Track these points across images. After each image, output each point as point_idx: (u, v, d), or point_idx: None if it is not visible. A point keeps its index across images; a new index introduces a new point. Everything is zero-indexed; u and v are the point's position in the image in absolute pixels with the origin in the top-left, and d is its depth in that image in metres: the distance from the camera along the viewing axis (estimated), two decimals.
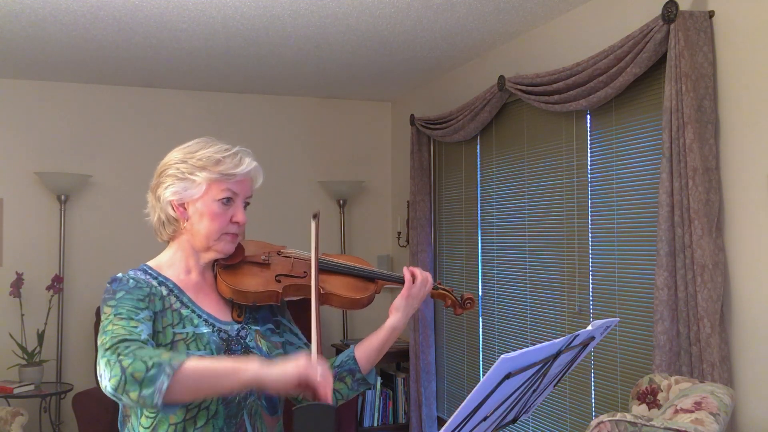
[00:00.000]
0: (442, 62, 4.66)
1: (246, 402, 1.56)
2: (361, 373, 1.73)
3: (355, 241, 5.84)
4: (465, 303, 1.85)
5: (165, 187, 1.59)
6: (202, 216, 1.58)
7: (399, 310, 1.74)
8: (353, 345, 1.77)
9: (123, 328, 1.42)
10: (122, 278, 1.55)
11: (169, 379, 1.32)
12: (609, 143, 3.37)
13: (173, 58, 4.49)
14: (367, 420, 5.15)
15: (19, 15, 3.68)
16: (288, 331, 1.76)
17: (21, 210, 5.02)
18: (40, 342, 4.74)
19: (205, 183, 1.57)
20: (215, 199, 1.58)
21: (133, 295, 1.51)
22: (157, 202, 1.61)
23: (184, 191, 1.58)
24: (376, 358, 1.75)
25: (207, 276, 1.65)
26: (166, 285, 1.59)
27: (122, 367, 1.33)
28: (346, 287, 1.73)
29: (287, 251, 1.77)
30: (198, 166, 1.57)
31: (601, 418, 2.03)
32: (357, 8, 3.61)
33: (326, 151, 5.79)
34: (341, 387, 1.72)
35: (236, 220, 1.61)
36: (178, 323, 1.55)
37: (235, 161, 1.59)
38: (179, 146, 1.64)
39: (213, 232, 1.59)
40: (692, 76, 2.72)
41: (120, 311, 1.46)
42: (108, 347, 1.38)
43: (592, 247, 3.48)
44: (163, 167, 1.61)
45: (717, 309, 2.64)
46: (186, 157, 1.59)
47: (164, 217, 1.61)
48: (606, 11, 3.41)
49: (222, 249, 1.62)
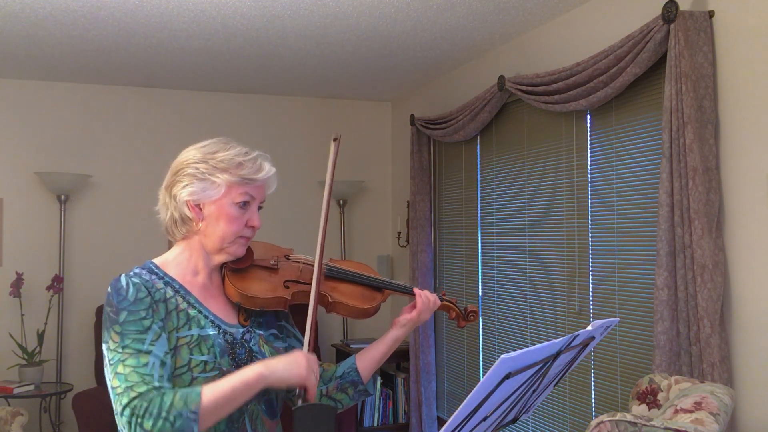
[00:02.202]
0: (442, 62, 4.66)
1: (247, 407, 1.56)
2: (363, 385, 1.74)
3: (355, 241, 5.84)
4: (469, 316, 1.86)
5: (182, 186, 1.56)
6: (218, 218, 1.57)
7: (404, 327, 1.75)
8: (354, 355, 1.77)
9: (134, 371, 1.40)
10: (122, 287, 1.49)
11: (196, 424, 1.37)
12: (609, 143, 3.37)
13: (173, 58, 4.49)
14: (367, 420, 5.16)
15: (19, 15, 3.68)
16: (292, 336, 1.75)
17: (21, 210, 5.02)
18: (40, 342, 4.74)
19: (225, 185, 1.56)
20: (233, 202, 1.57)
21: (135, 315, 1.46)
22: (172, 200, 1.58)
23: (203, 192, 1.56)
24: (377, 368, 1.76)
25: (214, 278, 1.64)
26: (172, 285, 1.56)
27: (146, 430, 1.36)
28: (354, 296, 1.71)
29: (296, 256, 1.75)
30: (219, 168, 1.55)
31: (601, 418, 2.03)
32: (357, 8, 3.61)
33: (326, 151, 5.76)
34: (343, 397, 1.73)
35: (252, 225, 1.60)
36: (184, 325, 1.52)
37: (255, 166, 1.59)
38: (195, 145, 1.61)
39: (228, 234, 1.58)
40: (692, 76, 2.72)
41: (126, 343, 1.43)
42: (125, 404, 1.38)
43: (592, 247, 3.48)
44: (181, 165, 1.58)
45: (717, 309, 2.64)
46: (206, 158, 1.57)
47: (178, 216, 1.58)
48: (606, 11, 3.41)
49: (234, 252, 1.61)
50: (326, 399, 1.73)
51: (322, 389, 1.73)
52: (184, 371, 1.48)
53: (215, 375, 1.51)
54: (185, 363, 1.49)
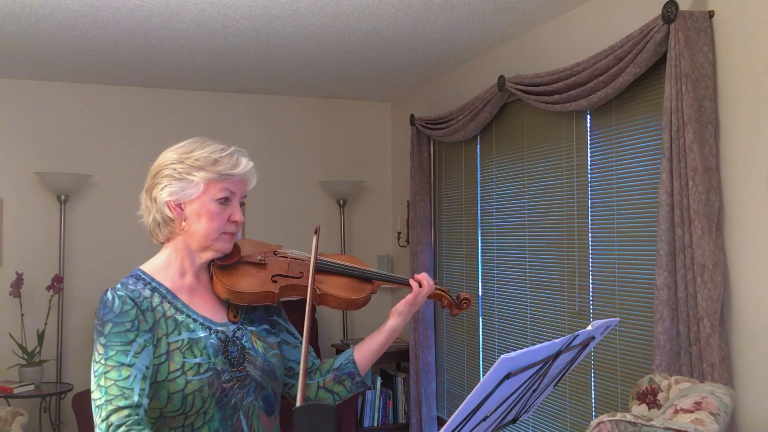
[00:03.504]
0: (442, 62, 4.66)
1: (243, 403, 1.56)
2: (360, 377, 1.74)
3: (355, 241, 5.84)
4: (461, 303, 1.84)
5: (161, 188, 1.57)
6: (200, 216, 1.57)
7: (401, 314, 1.74)
8: (352, 346, 1.77)
9: (115, 384, 1.42)
10: (108, 300, 1.51)
11: None
12: (609, 143, 3.37)
13: (173, 58, 4.49)
14: (367, 420, 5.16)
15: (19, 15, 3.68)
16: (284, 330, 1.75)
17: (21, 210, 5.02)
18: (40, 342, 4.74)
19: (203, 183, 1.56)
20: (213, 199, 1.57)
21: (120, 326, 1.48)
22: (153, 203, 1.59)
23: (182, 191, 1.56)
24: (374, 359, 1.76)
25: (202, 278, 1.64)
26: (159, 291, 1.57)
27: None
28: (343, 287, 1.72)
29: (283, 251, 1.76)
30: (195, 166, 1.56)
31: (601, 418, 2.03)
32: (357, 8, 3.61)
33: (326, 151, 5.80)
34: (340, 389, 1.73)
35: (234, 219, 1.60)
36: (173, 331, 1.53)
37: (232, 161, 1.59)
38: (171, 147, 1.62)
39: (212, 231, 1.58)
40: (692, 76, 2.72)
41: (110, 354, 1.45)
42: (103, 417, 1.41)
43: (592, 247, 3.48)
44: (158, 168, 1.60)
45: (717, 309, 2.64)
46: (182, 158, 1.58)
47: (160, 218, 1.59)
48: (606, 11, 3.41)
49: (220, 248, 1.61)
50: (323, 391, 1.73)
51: (318, 381, 1.73)
52: (178, 375, 1.49)
53: (210, 375, 1.52)
54: (179, 367, 1.50)
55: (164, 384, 1.48)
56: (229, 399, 1.54)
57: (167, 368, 1.49)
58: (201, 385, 1.50)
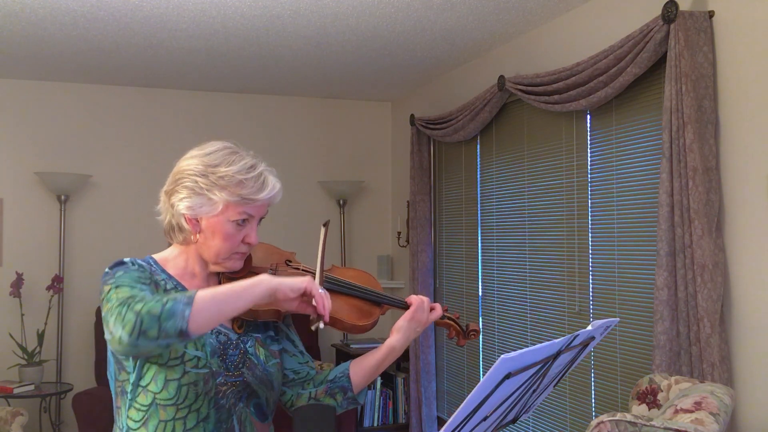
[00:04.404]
0: (442, 62, 4.66)
1: (236, 408, 1.56)
2: (352, 392, 1.70)
3: (355, 241, 5.85)
4: (469, 334, 1.80)
5: (180, 198, 1.54)
6: (214, 234, 1.54)
7: (400, 331, 1.69)
8: (350, 361, 1.74)
9: (128, 291, 1.39)
10: (124, 260, 1.52)
11: (189, 307, 1.31)
12: (609, 143, 3.37)
13: (173, 58, 4.49)
14: (367, 420, 5.16)
15: (19, 15, 3.68)
16: (285, 338, 1.73)
17: (21, 210, 5.02)
18: (40, 342, 4.74)
19: (222, 203, 1.52)
20: (230, 220, 1.53)
21: (132, 274, 1.47)
22: (171, 208, 1.57)
23: (199, 207, 1.53)
24: (372, 377, 1.71)
25: (212, 283, 1.63)
26: (171, 281, 1.57)
27: (136, 311, 1.31)
28: (351, 312, 1.66)
29: (295, 263, 1.72)
30: (218, 185, 1.51)
31: (601, 418, 2.03)
32: (357, 8, 3.61)
33: (326, 151, 5.80)
34: (331, 403, 1.71)
35: (248, 241, 1.57)
36: None
37: (257, 184, 1.54)
38: (198, 150, 1.58)
39: (223, 251, 1.56)
40: (692, 76, 2.72)
41: (121, 283, 1.43)
42: (116, 305, 1.35)
43: (592, 247, 3.48)
44: (180, 175, 1.55)
45: (717, 309, 2.64)
46: (207, 171, 1.52)
47: (176, 224, 1.58)
48: (606, 11, 3.41)
49: (230, 267, 1.59)
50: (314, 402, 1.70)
51: (311, 392, 1.71)
52: (177, 363, 1.49)
53: (206, 372, 1.51)
54: (179, 355, 1.49)
55: (162, 369, 1.48)
56: (224, 402, 1.54)
57: (167, 354, 1.48)
58: (197, 378, 1.49)
